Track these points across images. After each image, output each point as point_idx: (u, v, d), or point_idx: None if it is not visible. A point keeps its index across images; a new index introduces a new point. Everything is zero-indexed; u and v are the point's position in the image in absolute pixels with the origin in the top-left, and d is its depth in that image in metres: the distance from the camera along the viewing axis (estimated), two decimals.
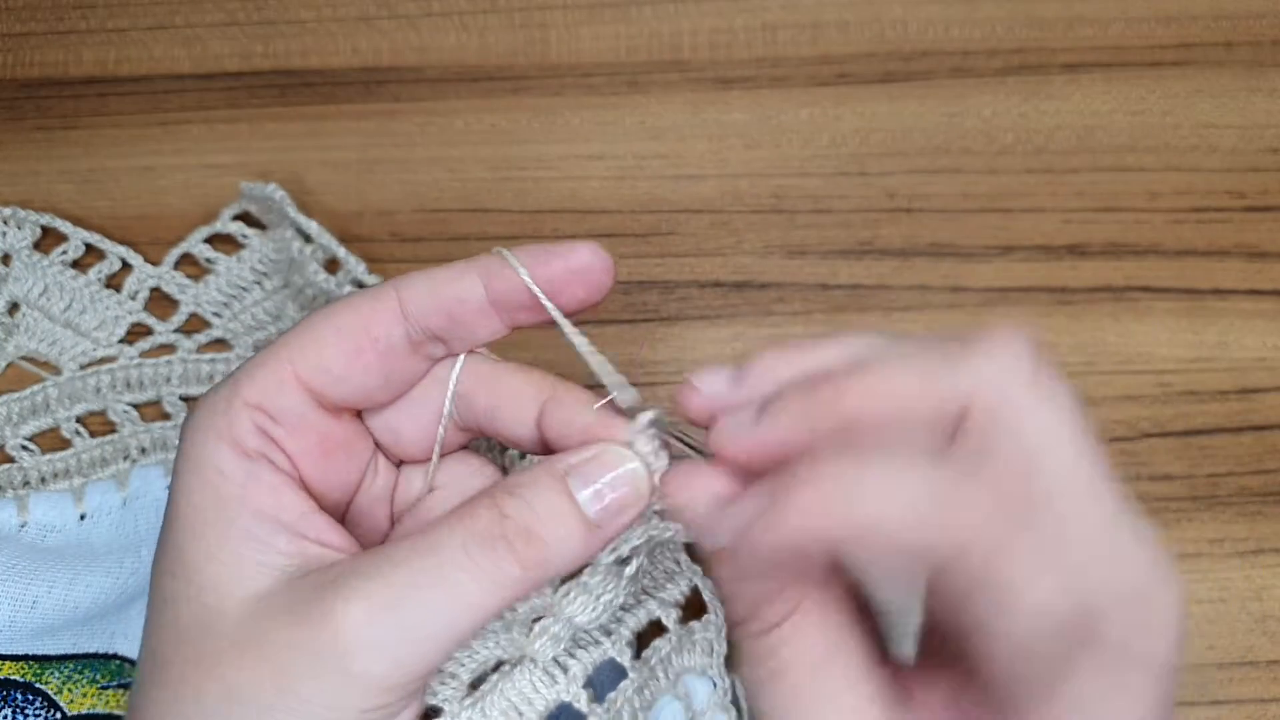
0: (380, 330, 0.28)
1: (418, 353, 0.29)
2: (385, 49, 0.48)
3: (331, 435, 0.29)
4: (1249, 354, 0.43)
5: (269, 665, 0.24)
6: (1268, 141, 0.46)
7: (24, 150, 0.47)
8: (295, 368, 0.28)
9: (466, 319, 0.29)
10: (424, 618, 0.25)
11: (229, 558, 0.26)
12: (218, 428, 0.27)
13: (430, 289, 0.28)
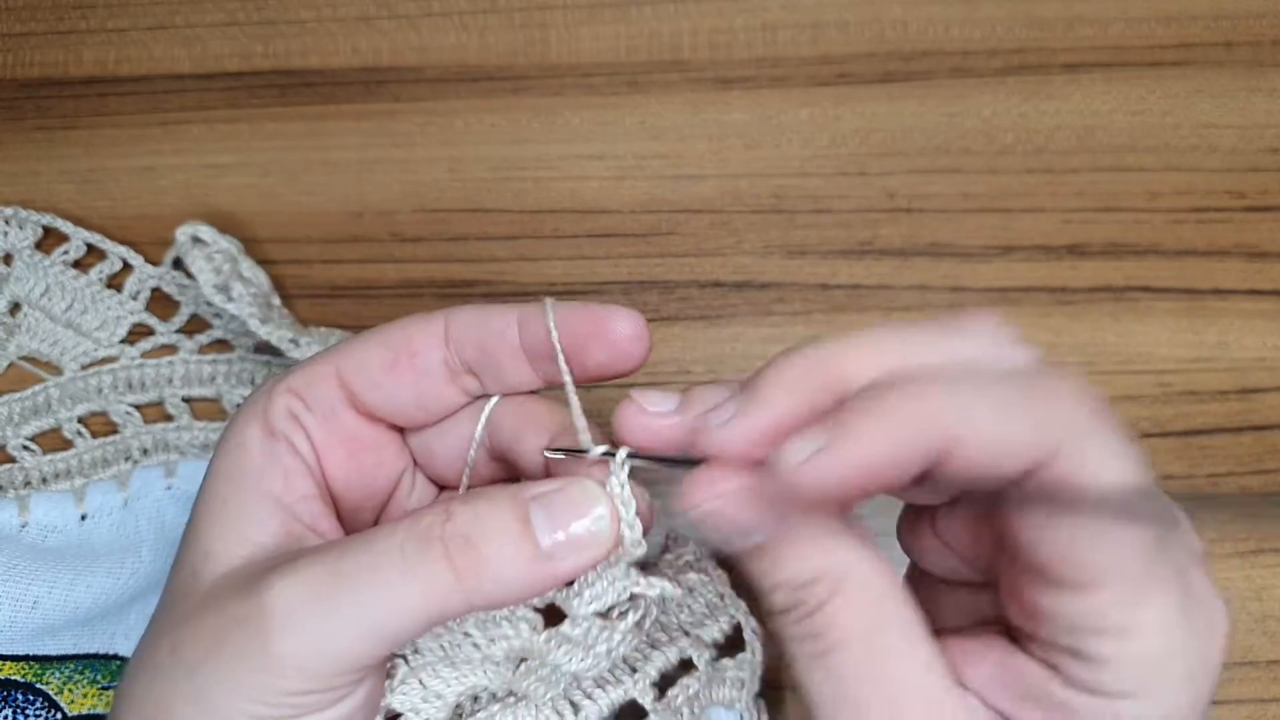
0: (420, 347, 0.29)
1: (454, 382, 0.30)
2: (385, 49, 0.48)
3: (360, 436, 0.30)
4: (1249, 354, 0.43)
5: (207, 628, 0.25)
6: (1268, 141, 0.46)
7: (24, 150, 0.47)
8: (338, 366, 0.29)
9: (499, 357, 0.29)
10: (351, 609, 0.25)
11: (225, 529, 0.27)
12: (257, 408, 0.29)
13: (474, 319, 0.30)
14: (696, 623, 0.32)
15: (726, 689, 0.32)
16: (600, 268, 0.44)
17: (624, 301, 0.44)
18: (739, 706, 0.32)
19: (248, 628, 0.25)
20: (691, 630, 0.32)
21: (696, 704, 0.32)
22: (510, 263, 0.44)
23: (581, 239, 0.45)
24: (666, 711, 0.31)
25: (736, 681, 0.32)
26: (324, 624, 0.25)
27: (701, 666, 0.32)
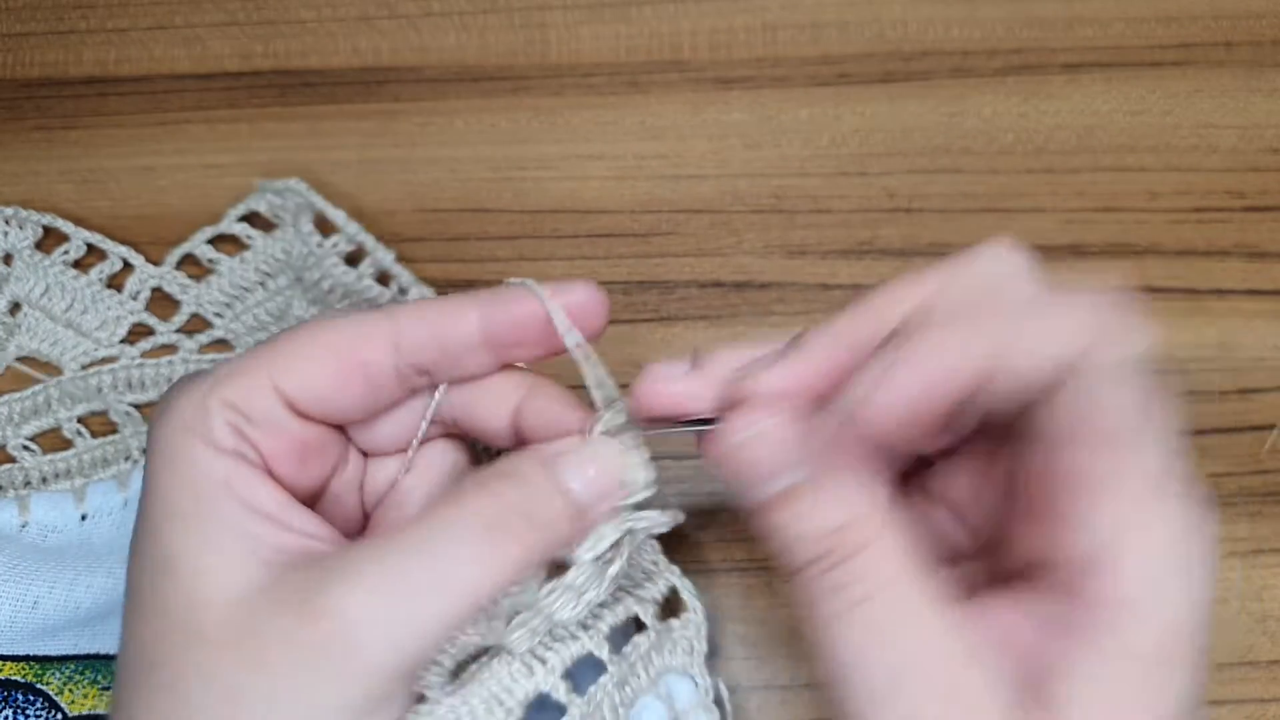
0: (370, 357, 0.28)
1: (403, 383, 0.29)
2: (385, 49, 0.48)
3: (306, 440, 0.29)
4: (1249, 354, 0.43)
5: (268, 662, 0.24)
6: (1268, 141, 0.46)
7: (24, 150, 0.47)
8: (275, 379, 0.27)
9: (458, 355, 0.29)
10: (424, 602, 0.25)
11: (215, 551, 0.26)
12: (191, 424, 0.27)
13: (427, 325, 0.28)
14: (635, 584, 0.33)
15: (679, 654, 0.33)
16: (600, 268, 0.44)
17: (624, 302, 0.44)
18: (692, 672, 0.33)
19: (326, 650, 0.24)
20: (632, 591, 0.33)
21: (650, 666, 0.33)
22: (510, 263, 0.44)
23: (581, 239, 0.45)
24: (624, 663, 0.32)
25: (685, 644, 0.33)
26: (403, 623, 0.25)
27: (650, 622, 0.33)
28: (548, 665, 0.30)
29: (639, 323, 0.44)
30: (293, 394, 0.27)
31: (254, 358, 0.28)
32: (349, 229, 0.42)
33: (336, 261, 0.41)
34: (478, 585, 0.25)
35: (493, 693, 0.29)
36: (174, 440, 0.27)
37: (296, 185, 0.43)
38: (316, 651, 0.24)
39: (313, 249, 0.41)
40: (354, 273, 0.41)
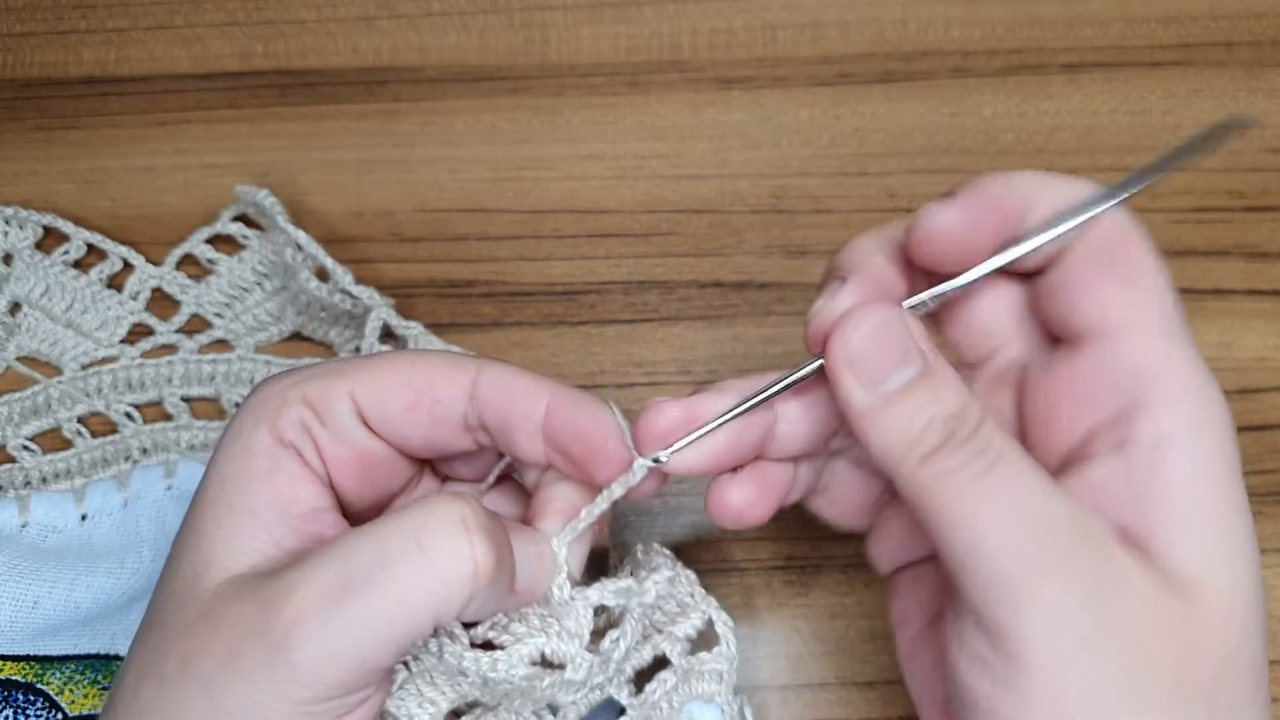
0: (444, 397, 0.29)
1: (468, 433, 0.30)
2: (385, 49, 0.48)
3: (372, 454, 0.29)
4: (1249, 354, 0.43)
5: (220, 639, 0.25)
6: (1268, 141, 0.46)
7: (24, 150, 0.47)
8: (353, 389, 0.29)
9: (517, 432, 0.29)
10: (367, 612, 0.24)
11: (229, 535, 0.27)
12: (266, 411, 0.28)
13: (502, 388, 0.29)
14: (669, 621, 0.33)
15: (705, 683, 0.33)
16: (600, 268, 0.44)
17: (623, 301, 0.44)
18: (718, 700, 0.32)
19: (266, 638, 0.24)
20: (664, 628, 0.32)
21: (675, 698, 0.32)
22: (510, 263, 0.44)
23: (581, 239, 0.45)
24: (644, 707, 0.32)
25: (714, 675, 0.33)
26: (342, 630, 0.24)
27: (676, 660, 0.32)
28: (559, 715, 0.30)
29: (639, 323, 0.44)
30: (365, 407, 0.29)
31: (339, 367, 0.29)
32: (310, 248, 0.41)
33: (308, 276, 0.41)
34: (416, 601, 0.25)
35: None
36: (244, 420, 0.28)
37: (263, 199, 0.42)
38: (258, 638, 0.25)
39: (287, 261, 0.41)
40: (325, 287, 0.41)
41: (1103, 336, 0.27)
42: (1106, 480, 0.26)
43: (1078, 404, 0.27)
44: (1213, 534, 0.25)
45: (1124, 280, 0.27)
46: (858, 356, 0.26)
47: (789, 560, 0.40)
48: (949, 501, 0.25)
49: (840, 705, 0.38)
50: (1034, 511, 0.25)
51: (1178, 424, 0.25)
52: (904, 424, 0.26)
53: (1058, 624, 0.24)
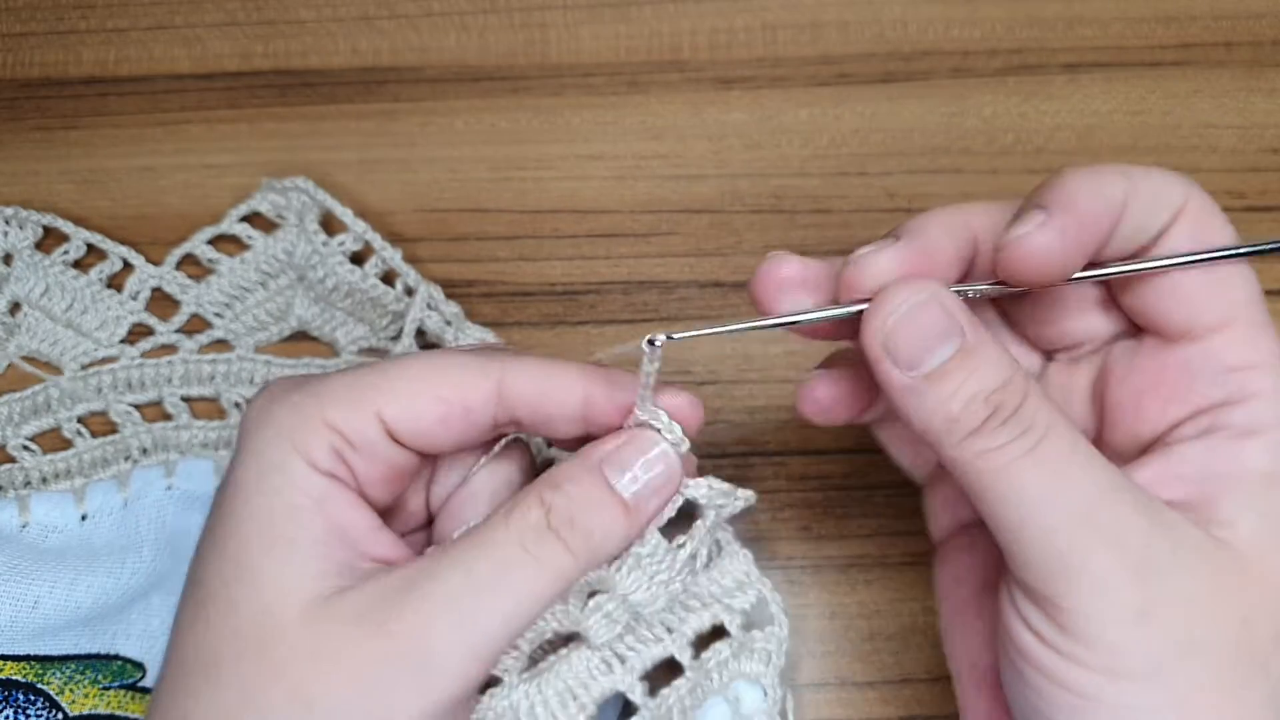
0: (475, 405, 0.29)
1: (496, 427, 0.30)
2: (385, 49, 0.48)
3: (400, 464, 0.30)
4: None
5: (350, 676, 0.26)
6: (1267, 141, 0.46)
7: (24, 150, 0.47)
8: (381, 410, 0.28)
9: (553, 419, 0.30)
10: (499, 616, 0.27)
11: (296, 567, 0.27)
12: (294, 439, 0.28)
13: (534, 386, 0.30)
14: (726, 593, 0.33)
15: (754, 662, 0.33)
16: (600, 268, 0.44)
17: (623, 301, 0.44)
18: (764, 682, 0.33)
19: (413, 668, 0.26)
20: (721, 599, 0.33)
21: (727, 671, 0.33)
22: (510, 263, 0.45)
23: (581, 239, 0.45)
24: (700, 671, 0.32)
25: (764, 655, 0.33)
26: (482, 637, 0.27)
27: (734, 632, 0.33)
28: (627, 664, 0.30)
29: (639, 323, 0.44)
30: (395, 425, 0.29)
31: (362, 384, 0.29)
32: (356, 227, 0.42)
33: (342, 260, 0.41)
34: (537, 593, 0.27)
35: (569, 685, 0.29)
36: (271, 451, 0.28)
37: (304, 184, 0.43)
38: (402, 670, 0.26)
39: (317, 247, 0.41)
40: (359, 271, 0.41)
41: (1198, 335, 0.27)
42: (1186, 461, 0.27)
43: (1168, 396, 0.28)
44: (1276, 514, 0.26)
45: (1218, 278, 0.27)
46: (893, 338, 0.26)
47: (789, 560, 0.40)
48: (994, 480, 0.25)
49: (840, 705, 0.38)
50: (1081, 487, 0.25)
51: (1269, 417, 0.26)
52: (943, 404, 0.26)
53: (1110, 598, 0.24)
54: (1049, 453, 0.25)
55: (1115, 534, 0.25)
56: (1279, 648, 0.25)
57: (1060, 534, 0.25)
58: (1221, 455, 0.26)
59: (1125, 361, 0.29)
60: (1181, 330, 0.27)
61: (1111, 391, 0.29)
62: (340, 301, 0.42)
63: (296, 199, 0.43)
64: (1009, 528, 0.25)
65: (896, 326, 0.26)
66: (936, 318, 0.26)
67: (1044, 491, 0.25)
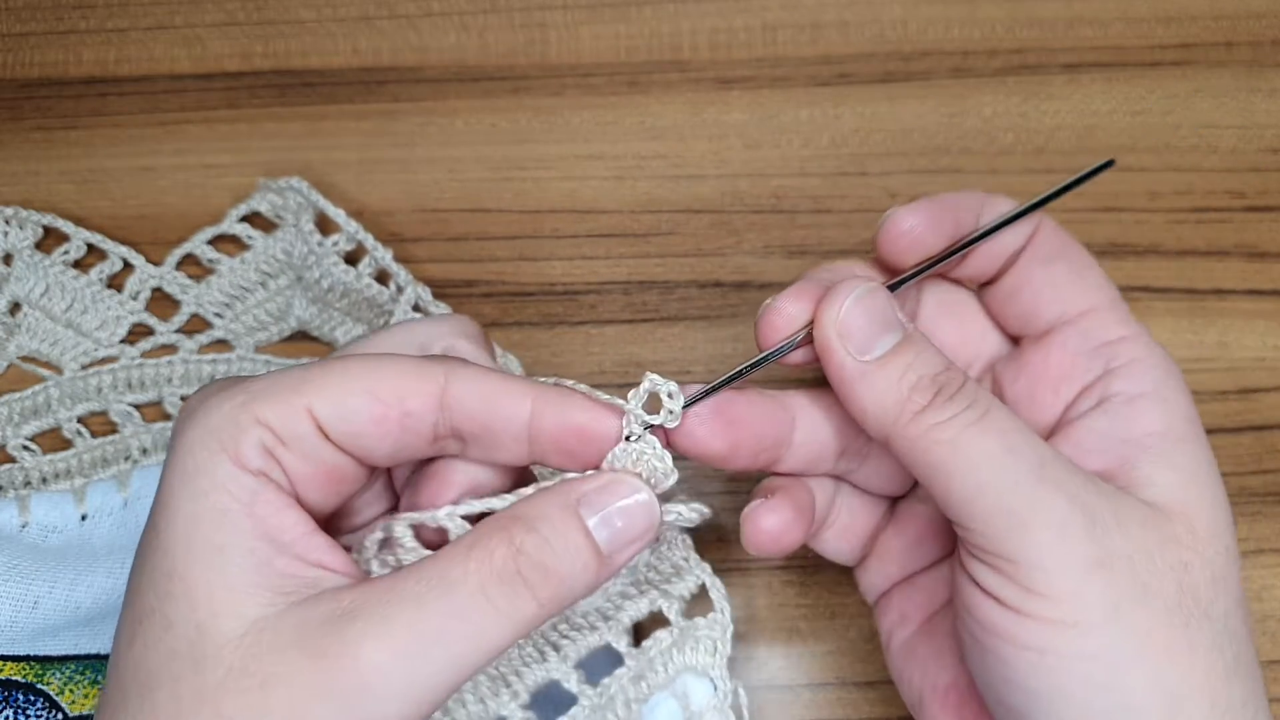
0: (414, 407, 0.27)
1: (436, 441, 0.28)
2: (385, 49, 0.48)
3: (337, 467, 0.28)
4: (1249, 354, 0.43)
5: (276, 698, 0.24)
6: (1268, 141, 0.46)
7: (24, 150, 0.47)
8: (312, 405, 0.27)
9: (500, 437, 0.28)
10: (449, 665, 0.25)
11: (228, 578, 0.25)
12: (221, 437, 0.26)
13: (479, 396, 0.28)
14: (663, 579, 0.33)
15: (700, 653, 0.33)
16: (600, 268, 0.44)
17: (623, 301, 0.44)
18: (713, 674, 0.32)
19: (343, 698, 0.24)
20: (659, 585, 0.32)
21: (670, 662, 0.32)
22: (510, 263, 0.44)
23: (581, 239, 0.45)
24: (643, 657, 0.32)
25: (709, 644, 0.33)
26: (423, 679, 0.25)
27: (674, 618, 0.32)
28: (561, 653, 0.30)
29: (639, 323, 0.44)
30: (327, 423, 0.27)
31: (293, 379, 0.27)
32: (349, 227, 0.42)
33: (336, 260, 0.41)
34: (492, 641, 0.25)
35: (501, 673, 0.29)
36: (198, 452, 0.26)
37: (298, 184, 0.43)
38: (331, 698, 0.24)
39: (313, 247, 0.42)
40: (353, 271, 0.41)
41: (1069, 320, 0.31)
42: (1091, 433, 0.29)
43: (1058, 378, 0.31)
44: (1188, 467, 0.28)
45: (1076, 273, 0.31)
46: (845, 326, 0.28)
47: (789, 560, 0.40)
48: (948, 450, 0.27)
49: (840, 705, 0.38)
50: (1028, 451, 0.27)
51: (1148, 381, 0.29)
52: (894, 384, 0.27)
53: (1066, 548, 0.26)
54: (996, 421, 0.27)
55: (1065, 491, 0.26)
56: (1218, 592, 0.27)
57: (1016, 490, 0.26)
58: (1120, 421, 0.29)
59: (1012, 369, 0.32)
60: (1054, 318, 0.31)
61: (1007, 395, 0.32)
62: (337, 301, 0.42)
63: (293, 199, 0.43)
64: (964, 495, 0.26)
65: (849, 313, 0.28)
66: (884, 306, 0.28)
67: (995, 454, 0.26)
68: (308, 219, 0.42)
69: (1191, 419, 0.29)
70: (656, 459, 0.28)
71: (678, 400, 0.29)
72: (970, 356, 0.33)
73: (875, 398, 0.28)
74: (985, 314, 0.33)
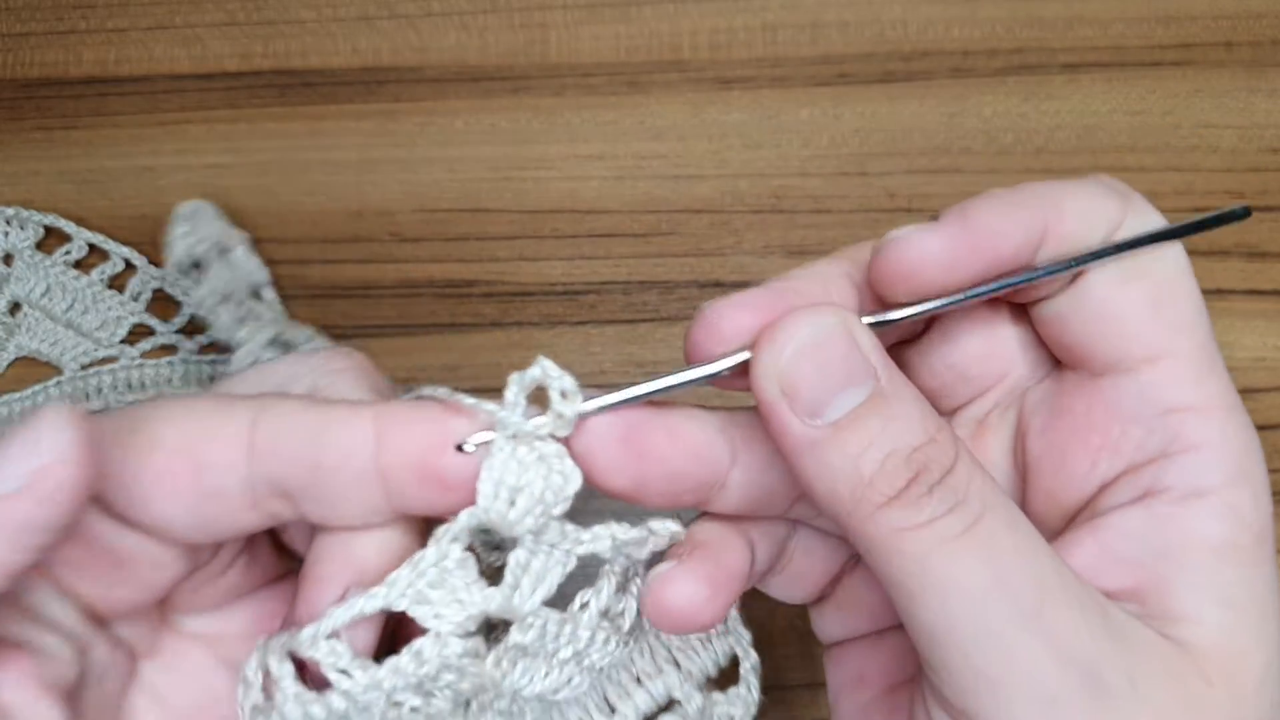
0: (214, 460, 0.21)
1: (257, 506, 0.21)
2: (385, 49, 0.48)
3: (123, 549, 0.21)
4: (1249, 354, 0.43)
5: None
6: (1268, 141, 0.46)
7: (24, 150, 0.47)
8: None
9: (337, 483, 0.21)
10: None
11: None
12: None
13: (300, 429, 0.21)
14: (686, 649, 0.27)
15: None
16: (600, 268, 0.44)
17: (623, 301, 0.44)
18: None
19: None
20: (681, 662, 0.27)
21: None
22: (510, 263, 0.44)
23: (581, 239, 0.45)
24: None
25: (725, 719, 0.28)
26: None
27: (692, 712, 0.27)
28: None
29: (639, 323, 0.44)
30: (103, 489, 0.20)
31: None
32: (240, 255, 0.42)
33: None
34: None
35: None
36: None
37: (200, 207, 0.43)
38: None
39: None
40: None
41: (1131, 368, 0.23)
42: (1123, 536, 0.22)
43: (1097, 446, 0.23)
44: (1244, 601, 0.21)
45: (1156, 302, 0.23)
46: (791, 375, 0.21)
47: None
48: (916, 568, 0.20)
49: None
50: (1024, 586, 0.20)
51: (1216, 475, 0.22)
52: (853, 461, 0.20)
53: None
54: (987, 535, 0.20)
55: (1064, 646, 0.20)
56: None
57: (997, 641, 0.20)
58: (1166, 526, 0.22)
59: (1045, 407, 0.24)
60: (1112, 360, 0.23)
61: (1031, 446, 0.24)
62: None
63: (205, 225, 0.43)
64: (932, 630, 0.20)
65: (796, 360, 0.21)
66: (845, 351, 0.21)
67: (981, 583, 0.20)
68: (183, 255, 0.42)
69: (1263, 534, 0.22)
70: (556, 467, 0.22)
71: (573, 401, 0.22)
72: (995, 375, 0.25)
73: (827, 478, 0.21)
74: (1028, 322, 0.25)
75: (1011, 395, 0.25)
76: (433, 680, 0.22)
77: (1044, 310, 0.24)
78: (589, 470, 0.23)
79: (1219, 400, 0.22)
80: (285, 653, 0.22)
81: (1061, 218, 0.23)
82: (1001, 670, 0.20)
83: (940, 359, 0.26)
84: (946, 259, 0.22)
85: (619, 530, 0.23)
